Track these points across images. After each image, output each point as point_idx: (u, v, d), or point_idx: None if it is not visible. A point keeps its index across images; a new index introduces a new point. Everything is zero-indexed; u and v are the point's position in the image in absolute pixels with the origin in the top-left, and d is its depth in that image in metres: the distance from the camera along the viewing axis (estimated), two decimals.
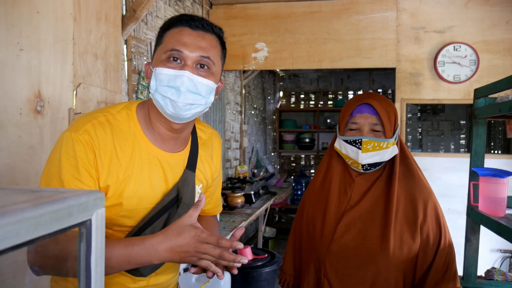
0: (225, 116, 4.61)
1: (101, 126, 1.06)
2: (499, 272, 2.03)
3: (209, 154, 1.29)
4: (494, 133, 6.36)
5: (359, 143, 1.27)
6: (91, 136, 1.03)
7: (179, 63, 1.05)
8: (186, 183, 1.17)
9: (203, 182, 1.26)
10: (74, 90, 2.00)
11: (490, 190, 1.63)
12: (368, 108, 1.29)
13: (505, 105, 1.45)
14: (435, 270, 1.23)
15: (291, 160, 7.92)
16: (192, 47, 1.04)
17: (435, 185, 3.61)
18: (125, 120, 1.11)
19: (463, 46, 3.60)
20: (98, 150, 1.03)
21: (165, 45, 1.06)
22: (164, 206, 1.13)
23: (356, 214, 1.30)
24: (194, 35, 1.06)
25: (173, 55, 1.04)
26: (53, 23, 1.88)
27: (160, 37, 1.10)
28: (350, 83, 7.53)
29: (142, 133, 1.12)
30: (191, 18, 1.08)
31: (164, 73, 1.04)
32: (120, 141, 1.08)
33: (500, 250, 3.66)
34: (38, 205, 0.46)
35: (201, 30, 1.07)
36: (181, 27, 1.06)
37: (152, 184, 1.12)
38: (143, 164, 1.11)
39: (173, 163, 1.16)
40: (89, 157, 1.02)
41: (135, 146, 1.10)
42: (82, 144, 1.01)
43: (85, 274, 0.54)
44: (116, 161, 1.06)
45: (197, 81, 1.05)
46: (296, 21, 3.91)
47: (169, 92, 1.04)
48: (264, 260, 3.07)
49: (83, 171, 1.01)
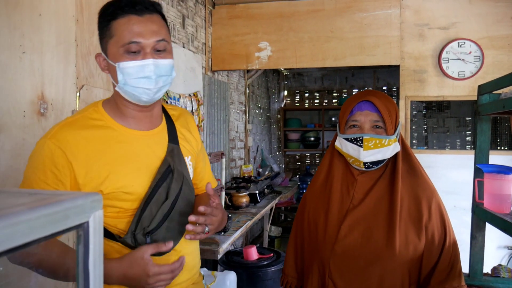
0: (229, 116, 4.61)
1: (69, 126, 1.12)
2: (505, 269, 2.01)
3: (186, 127, 1.34)
4: (501, 129, 6.32)
5: (360, 141, 1.25)
6: (58, 139, 1.09)
7: (139, 53, 1.09)
8: (174, 153, 1.23)
9: (192, 153, 1.33)
10: (77, 91, 2.01)
11: (495, 187, 1.62)
12: (369, 105, 1.27)
13: (509, 101, 1.44)
14: (440, 269, 1.22)
15: (296, 159, 7.91)
16: (147, 35, 1.08)
17: (441, 182, 3.60)
18: (93, 115, 1.17)
19: (468, 43, 3.57)
20: (69, 149, 1.09)
21: (119, 38, 1.08)
22: (160, 178, 1.17)
23: (359, 213, 1.28)
24: (143, 22, 1.08)
25: (131, 48, 1.08)
26: (56, 25, 1.89)
27: (106, 27, 1.11)
28: (355, 81, 7.51)
29: (114, 121, 1.18)
30: (131, 3, 1.08)
31: (130, 66, 1.09)
32: (94, 134, 1.13)
33: (507, 247, 3.64)
34: (33, 208, 0.46)
35: (147, 13, 1.10)
36: (128, 16, 1.08)
37: (142, 163, 1.17)
38: (126, 148, 1.16)
39: (155, 140, 1.22)
40: (56, 161, 1.08)
41: (110, 134, 1.16)
42: (49, 149, 1.08)
43: (83, 277, 0.54)
44: (93, 152, 1.11)
45: (160, 63, 1.11)
46: (299, 19, 3.90)
47: (141, 83, 1.10)
48: (269, 259, 3.07)
49: (49, 175, 1.08)
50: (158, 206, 1.16)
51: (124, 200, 1.15)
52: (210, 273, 2.55)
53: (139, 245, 1.13)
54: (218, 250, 2.49)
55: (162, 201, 1.17)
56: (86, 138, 1.11)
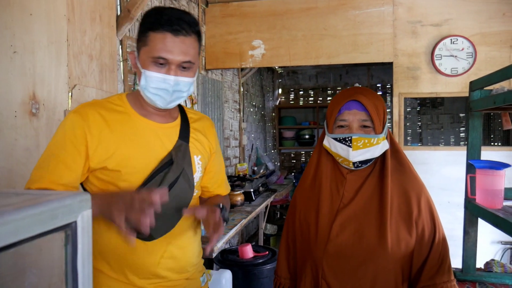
0: (223, 114, 4.60)
1: (91, 106, 1.27)
2: (498, 264, 2.03)
3: (201, 131, 1.44)
4: (494, 125, 6.36)
5: (349, 141, 1.24)
6: (80, 114, 1.23)
7: (164, 66, 1.21)
8: (180, 149, 1.32)
9: (202, 154, 1.41)
10: (69, 91, 2.00)
11: (487, 182, 1.63)
12: (357, 104, 1.26)
13: (499, 97, 1.45)
14: (431, 264, 1.22)
15: (291, 157, 7.92)
16: (175, 54, 1.20)
17: (435, 179, 3.61)
18: (116, 102, 1.31)
19: (460, 39, 3.59)
20: (87, 124, 1.22)
21: (150, 49, 1.20)
22: (160, 168, 1.27)
23: (350, 212, 1.27)
24: (176, 42, 1.19)
25: (159, 61, 1.20)
26: (47, 25, 1.88)
27: (144, 35, 1.22)
28: (349, 78, 7.52)
29: (133, 110, 1.31)
30: (171, 22, 1.18)
31: (153, 76, 1.21)
32: (112, 116, 1.26)
33: (500, 242, 3.66)
34: (20, 208, 0.46)
35: (182, 35, 1.20)
36: (164, 33, 1.19)
37: (149, 150, 1.27)
38: (138, 134, 1.28)
39: (167, 133, 1.33)
40: (76, 131, 1.21)
41: (127, 119, 1.28)
42: (71, 122, 1.22)
43: (72, 276, 0.54)
44: (108, 132, 1.24)
45: (180, 80, 1.23)
46: (292, 17, 3.90)
47: (158, 92, 1.24)
48: (265, 257, 3.07)
49: (68, 143, 1.21)
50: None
51: (125, 180, 1.24)
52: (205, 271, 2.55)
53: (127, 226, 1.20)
54: (213, 249, 2.49)
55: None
56: (104, 117, 1.25)
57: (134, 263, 1.28)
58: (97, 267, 1.28)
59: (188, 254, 1.39)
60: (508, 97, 1.39)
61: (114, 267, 1.29)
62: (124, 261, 1.28)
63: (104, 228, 1.27)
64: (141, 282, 1.29)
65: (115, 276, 1.29)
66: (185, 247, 1.37)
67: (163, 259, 1.30)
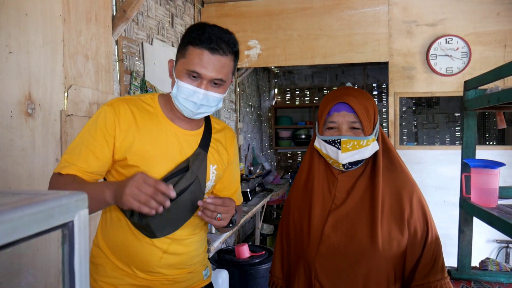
0: (219, 114, 4.60)
1: (124, 101, 1.33)
2: (493, 262, 2.04)
3: (222, 142, 1.49)
4: (489, 124, 6.39)
5: (338, 143, 1.25)
6: (113, 107, 1.30)
7: (196, 80, 1.27)
8: (198, 158, 1.37)
9: (219, 164, 1.45)
10: (65, 91, 2.00)
11: (482, 181, 1.64)
12: (346, 106, 1.26)
13: (493, 96, 1.46)
14: (424, 263, 1.23)
15: (288, 157, 7.93)
16: (209, 70, 1.25)
17: (431, 178, 3.63)
18: (147, 101, 1.37)
19: (455, 39, 3.60)
20: (118, 118, 1.29)
21: (187, 62, 1.26)
22: (174, 173, 1.31)
23: (342, 213, 1.27)
24: (211, 60, 1.24)
25: (192, 74, 1.26)
26: (42, 25, 1.87)
27: (183, 48, 1.28)
28: (345, 78, 7.54)
29: (162, 112, 1.37)
30: (210, 40, 1.23)
31: (184, 87, 1.27)
32: (141, 114, 1.33)
33: (496, 240, 3.68)
34: (16, 207, 0.46)
35: (218, 54, 1.25)
36: (202, 49, 1.24)
37: (168, 154, 1.32)
38: (161, 135, 1.33)
39: (188, 139, 1.37)
40: (107, 123, 1.28)
41: (154, 120, 1.34)
42: (104, 113, 1.29)
43: (69, 276, 0.54)
44: (135, 128, 1.30)
45: (210, 95, 1.29)
46: (288, 17, 3.90)
47: (187, 103, 1.29)
48: (261, 257, 3.08)
49: (99, 133, 1.27)
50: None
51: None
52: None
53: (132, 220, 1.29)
54: (210, 249, 2.49)
55: None
56: (134, 114, 1.31)
57: (137, 258, 1.33)
58: (107, 255, 1.36)
59: (191, 251, 1.42)
60: (502, 96, 1.40)
61: (120, 258, 1.35)
62: (129, 255, 1.34)
63: (110, 221, 1.36)
64: (143, 275, 1.35)
65: (121, 265, 1.35)
66: (189, 244, 1.41)
67: (165, 255, 1.35)
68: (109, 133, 1.28)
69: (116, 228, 1.35)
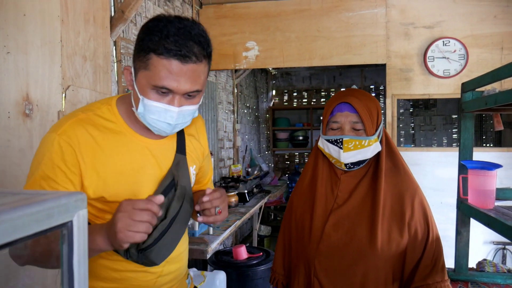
0: (217, 116, 4.60)
1: (80, 123, 1.07)
2: (490, 263, 2.04)
3: (195, 135, 1.32)
4: (486, 126, 6.41)
5: (340, 143, 1.26)
6: (69, 136, 1.03)
7: (167, 95, 1.04)
8: (180, 166, 1.20)
9: (196, 163, 1.31)
10: (63, 92, 2.00)
11: (479, 183, 1.64)
12: (348, 106, 1.28)
13: (490, 98, 1.46)
14: (424, 265, 1.23)
15: (285, 158, 7.93)
16: (181, 84, 1.01)
17: (428, 180, 3.64)
18: (107, 116, 1.12)
19: (452, 41, 3.62)
20: (78, 148, 1.04)
21: (152, 75, 1.01)
22: (162, 192, 1.13)
23: (343, 212, 1.29)
24: (184, 70, 1.00)
25: (161, 91, 1.02)
26: (40, 25, 1.87)
27: (144, 55, 1.02)
28: (343, 80, 7.55)
29: (126, 126, 1.14)
30: (179, 45, 0.98)
31: (153, 106, 1.04)
32: (104, 137, 1.09)
33: (493, 242, 3.69)
34: (16, 207, 0.46)
35: (191, 62, 1.00)
36: (169, 59, 0.99)
37: (147, 173, 1.14)
38: (133, 156, 1.12)
39: (163, 149, 1.19)
40: (66, 158, 1.02)
41: (122, 139, 1.12)
42: (59, 145, 1.02)
43: (68, 276, 0.54)
44: (102, 157, 1.07)
45: (185, 110, 1.07)
46: (286, 19, 3.91)
47: (159, 125, 1.07)
48: (259, 259, 3.08)
49: (58, 172, 1.02)
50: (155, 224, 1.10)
51: None
52: (199, 273, 2.55)
53: (130, 258, 1.09)
54: (207, 250, 2.49)
55: (161, 219, 1.12)
56: (96, 140, 1.07)
57: (131, 282, 1.20)
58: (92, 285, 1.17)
59: (182, 266, 1.35)
60: (500, 98, 1.40)
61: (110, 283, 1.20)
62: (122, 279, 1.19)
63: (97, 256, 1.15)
64: None
65: None
66: (181, 259, 1.32)
67: (160, 277, 1.24)
68: (72, 171, 1.03)
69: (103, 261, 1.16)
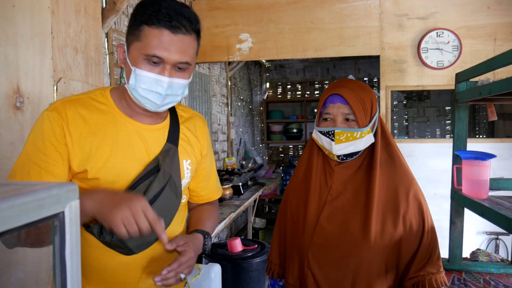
0: (211, 109, 4.58)
1: (71, 102, 1.13)
2: (483, 253, 2.06)
3: (192, 132, 1.32)
4: (479, 117, 6.44)
5: (332, 134, 1.26)
6: (59, 112, 1.10)
7: (158, 66, 1.09)
8: (168, 154, 1.20)
9: (192, 158, 1.30)
10: (54, 85, 1.97)
11: (473, 173, 1.65)
12: (341, 97, 1.26)
13: (484, 88, 1.46)
14: (420, 257, 1.23)
15: (279, 151, 7.94)
16: (172, 53, 1.07)
17: (421, 171, 3.65)
18: (99, 99, 1.18)
19: (446, 32, 3.61)
20: (67, 124, 1.09)
21: (144, 45, 1.07)
22: (144, 175, 1.15)
23: (337, 204, 1.28)
24: (174, 40, 1.06)
25: (153, 59, 1.07)
26: (30, 17, 1.84)
27: (137, 28, 1.08)
28: (336, 72, 7.54)
29: (117, 109, 1.18)
30: (170, 17, 1.05)
31: (144, 76, 1.08)
32: (93, 116, 1.13)
33: (486, 232, 3.72)
34: (6, 198, 0.45)
35: (181, 33, 1.07)
36: (161, 29, 1.05)
37: (133, 155, 1.16)
38: (121, 136, 1.15)
39: (153, 136, 1.20)
40: (55, 131, 1.08)
41: (111, 120, 1.15)
42: (49, 120, 1.09)
43: (60, 267, 0.53)
44: (88, 134, 1.11)
45: (175, 82, 1.11)
46: (279, 10, 3.89)
47: (150, 94, 1.11)
48: (254, 251, 3.08)
49: (48, 145, 1.08)
50: None
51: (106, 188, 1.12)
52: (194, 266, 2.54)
53: (103, 238, 1.09)
54: None
55: None
56: (85, 118, 1.12)
57: (114, 279, 1.18)
58: None
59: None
60: (494, 88, 1.40)
61: (92, 281, 1.18)
62: (101, 277, 1.17)
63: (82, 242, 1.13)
64: None
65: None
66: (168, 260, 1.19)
67: (144, 275, 1.20)
68: (62, 143, 1.08)
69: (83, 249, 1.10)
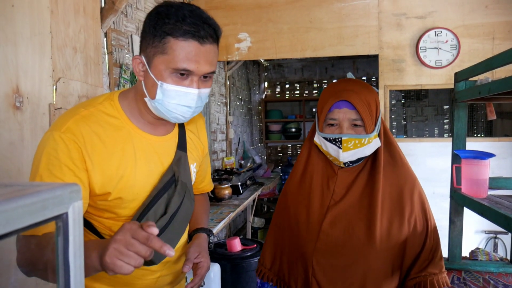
0: (210, 108, 4.58)
1: (84, 120, 1.04)
2: (483, 252, 2.06)
3: (195, 132, 1.33)
4: (477, 116, 6.45)
5: (339, 142, 1.20)
6: (74, 134, 1.01)
7: (186, 78, 1.05)
8: (180, 162, 1.19)
9: (197, 160, 1.31)
10: (53, 84, 1.97)
11: (472, 172, 1.65)
12: (347, 102, 1.21)
13: (484, 88, 1.46)
14: (423, 258, 1.22)
15: (278, 150, 7.94)
16: (201, 65, 1.04)
17: (420, 170, 3.65)
18: (109, 111, 1.11)
19: (444, 31, 3.62)
20: (84, 147, 1.02)
21: (171, 59, 1.01)
22: (162, 188, 1.13)
23: (341, 209, 1.24)
24: (202, 52, 1.03)
25: (181, 72, 1.03)
26: (29, 16, 1.84)
27: (159, 40, 1.02)
28: (335, 71, 7.55)
29: (130, 122, 1.12)
30: (196, 26, 1.01)
31: (174, 90, 1.04)
32: (108, 133, 1.07)
33: (484, 231, 3.73)
34: (9, 199, 0.45)
35: (208, 43, 1.04)
36: (189, 41, 1.01)
37: (150, 170, 1.14)
38: (138, 152, 1.11)
39: (165, 146, 1.19)
40: (73, 156, 1.00)
41: (125, 136, 1.10)
42: (64, 143, 0.99)
43: (63, 268, 0.53)
44: (107, 155, 1.05)
45: (203, 93, 1.08)
46: (278, 10, 3.89)
47: (178, 109, 1.07)
48: (253, 251, 3.09)
49: (66, 171, 0.99)
50: (155, 219, 1.11)
51: (125, 207, 1.11)
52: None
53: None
54: None
55: (161, 214, 1.12)
56: (100, 137, 1.05)
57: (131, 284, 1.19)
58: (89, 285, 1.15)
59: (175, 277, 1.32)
60: (493, 87, 1.40)
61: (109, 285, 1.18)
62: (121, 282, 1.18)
63: None
64: None
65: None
66: (181, 260, 1.30)
67: (161, 277, 1.24)
68: (80, 168, 1.01)
69: None
